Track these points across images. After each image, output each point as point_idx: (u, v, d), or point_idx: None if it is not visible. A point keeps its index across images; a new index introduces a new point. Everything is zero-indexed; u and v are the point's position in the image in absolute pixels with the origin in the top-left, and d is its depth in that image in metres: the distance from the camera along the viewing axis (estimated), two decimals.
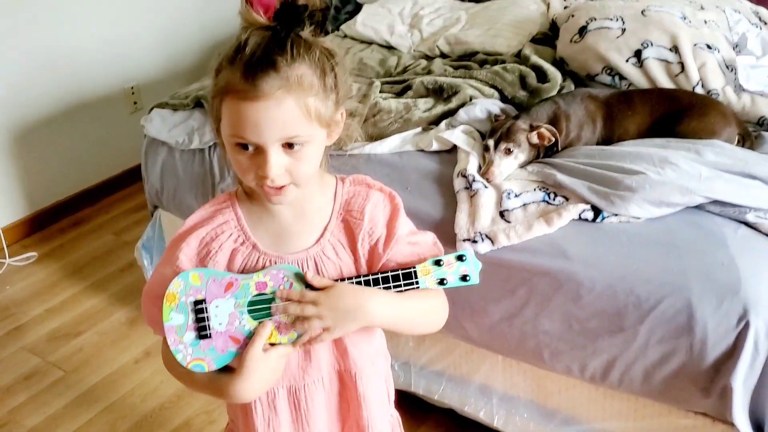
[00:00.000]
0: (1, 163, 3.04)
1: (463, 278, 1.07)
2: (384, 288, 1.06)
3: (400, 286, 1.06)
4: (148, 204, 2.48)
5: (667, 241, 1.56)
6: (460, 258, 1.07)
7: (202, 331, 1.04)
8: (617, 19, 2.20)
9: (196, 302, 1.03)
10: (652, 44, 2.11)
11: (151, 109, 2.38)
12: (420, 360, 1.96)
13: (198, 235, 1.09)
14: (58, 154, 3.24)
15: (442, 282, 1.07)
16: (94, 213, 3.34)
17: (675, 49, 2.08)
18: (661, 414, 1.63)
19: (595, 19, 2.23)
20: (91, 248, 3.07)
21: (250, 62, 0.95)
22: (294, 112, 0.96)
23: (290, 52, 0.96)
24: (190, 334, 1.03)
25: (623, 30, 2.16)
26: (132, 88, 3.45)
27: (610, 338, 1.56)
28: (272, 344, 1.05)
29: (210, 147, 2.18)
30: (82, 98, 3.27)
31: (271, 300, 1.04)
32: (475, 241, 1.66)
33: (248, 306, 1.04)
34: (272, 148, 0.97)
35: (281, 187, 1.01)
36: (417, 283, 1.06)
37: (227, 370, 1.06)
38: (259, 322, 1.04)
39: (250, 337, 1.04)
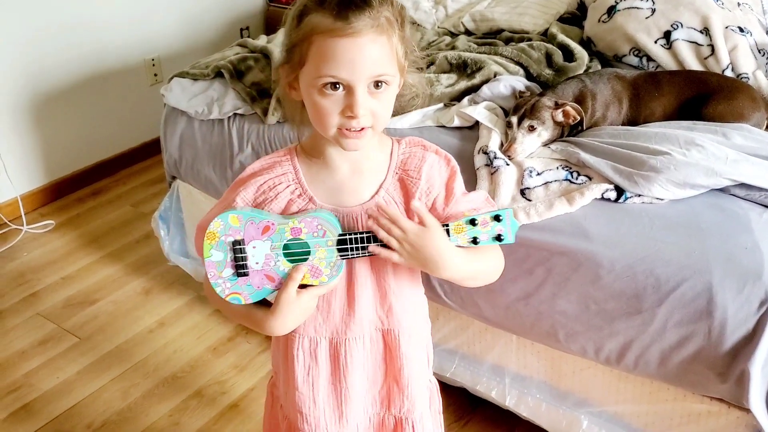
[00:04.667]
0: (21, 131, 3.05)
1: (497, 238, 1.08)
2: None
3: None
4: (166, 174, 2.48)
5: (690, 224, 1.53)
6: (496, 218, 1.07)
7: (240, 269, 1.09)
8: None
9: (235, 242, 1.08)
10: (682, 26, 2.06)
11: (171, 78, 2.37)
12: (433, 337, 1.91)
13: (256, 183, 1.13)
14: (77, 125, 3.25)
15: (474, 241, 1.08)
16: (113, 184, 3.36)
17: (706, 31, 2.04)
18: (675, 398, 1.61)
19: None
20: (109, 218, 3.08)
21: (344, 1, 0.99)
22: (385, 50, 1.02)
23: None
24: (229, 271, 1.09)
25: (653, 11, 2.11)
26: (153, 60, 3.45)
27: (627, 320, 1.53)
28: (304, 285, 1.09)
29: (229, 118, 2.17)
30: (103, 69, 3.27)
31: (305, 245, 1.08)
32: None
33: (283, 249, 1.08)
34: (361, 87, 1.01)
35: (361, 130, 1.03)
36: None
37: (263, 303, 1.13)
38: (294, 265, 1.08)
39: (285, 277, 1.09)
